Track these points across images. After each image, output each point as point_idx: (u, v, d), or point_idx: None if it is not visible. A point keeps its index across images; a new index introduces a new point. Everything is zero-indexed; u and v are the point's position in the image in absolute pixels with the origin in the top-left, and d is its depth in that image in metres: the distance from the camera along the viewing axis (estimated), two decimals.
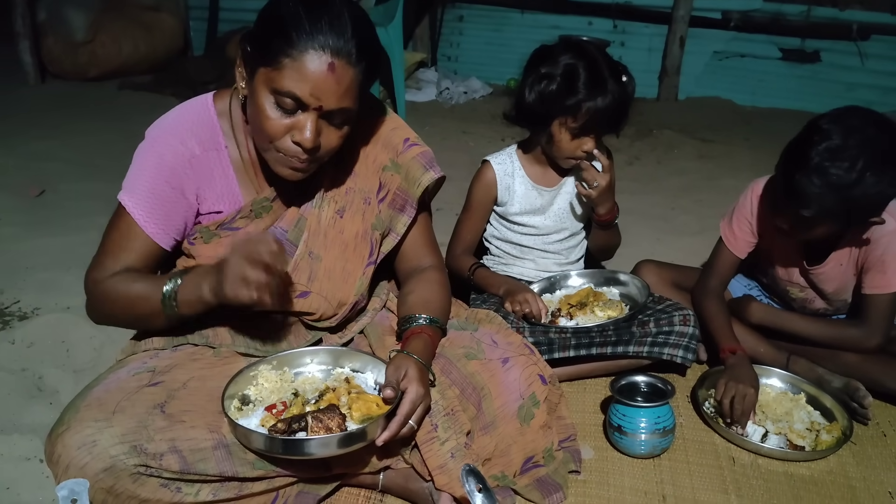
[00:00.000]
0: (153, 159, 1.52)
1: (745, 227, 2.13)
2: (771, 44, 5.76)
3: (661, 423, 1.78)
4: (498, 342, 1.68)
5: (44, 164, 4.02)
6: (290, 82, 1.33)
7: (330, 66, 1.33)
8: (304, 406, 1.48)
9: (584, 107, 1.97)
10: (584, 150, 2.07)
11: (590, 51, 2.03)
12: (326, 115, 1.39)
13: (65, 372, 2.17)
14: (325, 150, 1.44)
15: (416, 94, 5.87)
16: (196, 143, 1.54)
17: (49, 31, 5.73)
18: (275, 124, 1.39)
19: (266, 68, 1.36)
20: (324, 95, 1.35)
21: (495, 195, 2.23)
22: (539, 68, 2.04)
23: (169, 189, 1.52)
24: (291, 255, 1.61)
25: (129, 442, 1.34)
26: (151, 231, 1.52)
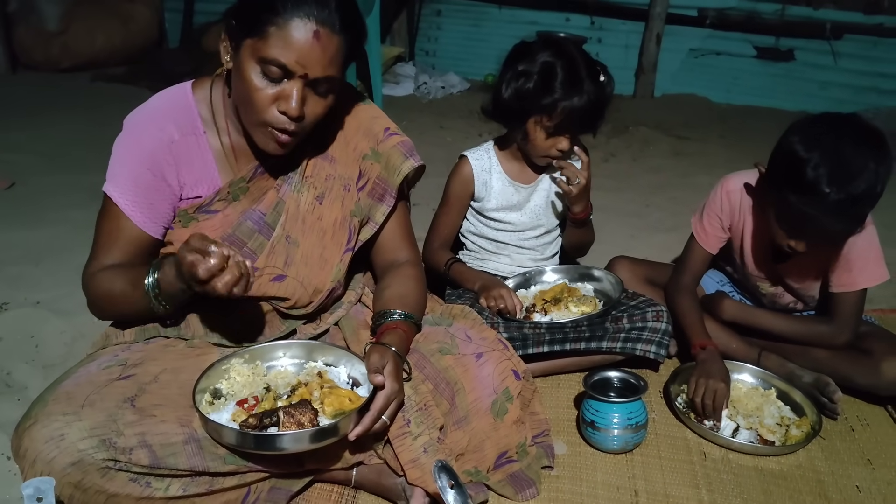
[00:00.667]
0: (133, 147, 1.52)
1: (715, 224, 2.15)
2: (746, 42, 5.82)
3: (633, 419, 1.79)
4: (472, 337, 1.69)
5: (14, 155, 3.96)
6: (275, 50, 1.35)
7: (315, 33, 1.35)
8: (276, 401, 1.47)
9: (559, 106, 1.98)
10: (558, 150, 2.08)
11: (568, 50, 2.03)
12: (312, 83, 1.40)
13: (34, 367, 2.14)
14: (309, 119, 1.45)
15: (394, 89, 5.85)
16: (174, 129, 1.53)
17: (21, 21, 5.65)
18: (261, 94, 1.39)
19: (252, 39, 1.37)
20: (309, 63, 1.36)
21: (472, 190, 2.23)
22: (517, 65, 2.05)
23: (151, 176, 1.52)
24: (268, 238, 1.61)
25: (97, 436, 1.32)
26: (138, 220, 1.52)
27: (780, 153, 1.84)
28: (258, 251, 1.60)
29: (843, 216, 1.76)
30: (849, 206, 1.73)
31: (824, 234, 1.83)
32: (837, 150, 1.72)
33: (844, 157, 1.71)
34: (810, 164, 1.73)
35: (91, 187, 3.44)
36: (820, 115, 1.85)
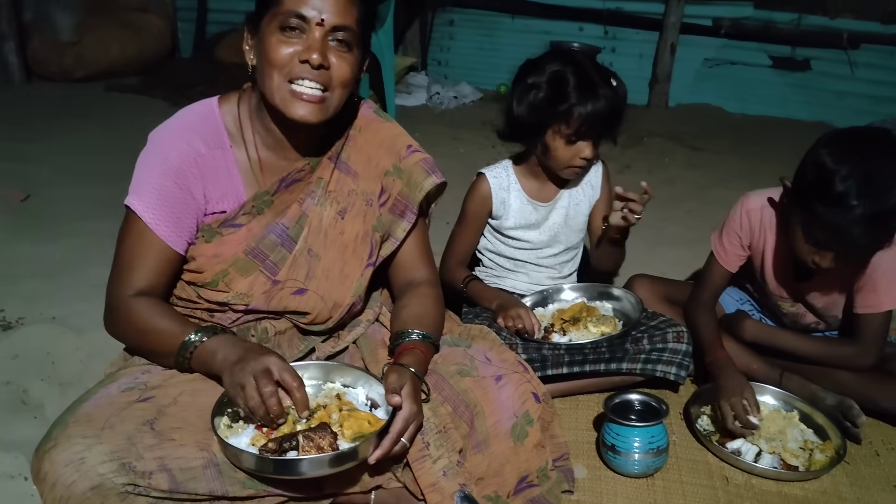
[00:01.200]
0: (159, 161, 1.52)
1: (735, 242, 2.13)
2: (761, 51, 5.80)
3: (654, 443, 1.77)
4: (491, 359, 1.67)
5: (29, 167, 3.97)
6: (290, 4, 1.41)
7: None
8: (296, 424, 1.45)
9: (575, 111, 1.96)
10: (582, 158, 2.05)
11: (576, 57, 2.02)
12: (331, 32, 1.43)
13: (50, 385, 2.13)
14: (336, 75, 1.46)
15: (407, 99, 5.85)
16: (201, 143, 1.54)
17: (35, 32, 5.68)
18: (282, 52, 1.42)
19: (270, 11, 1.42)
20: (324, 7, 1.41)
21: (490, 208, 2.21)
22: (526, 80, 2.03)
23: (177, 190, 1.51)
24: (290, 250, 1.60)
25: (117, 460, 1.31)
26: (164, 234, 1.50)
27: (808, 166, 1.82)
28: (280, 264, 1.60)
29: (871, 230, 1.73)
30: (877, 219, 1.71)
31: (851, 248, 1.80)
32: (867, 164, 1.70)
33: (874, 171, 1.69)
34: (839, 177, 1.71)
35: (105, 199, 3.49)
36: (849, 129, 1.83)
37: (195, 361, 1.47)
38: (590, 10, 6.07)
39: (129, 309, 1.50)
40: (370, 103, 1.75)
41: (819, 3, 5.55)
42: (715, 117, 5.76)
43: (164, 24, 6.31)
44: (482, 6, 6.35)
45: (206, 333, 1.46)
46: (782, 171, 1.94)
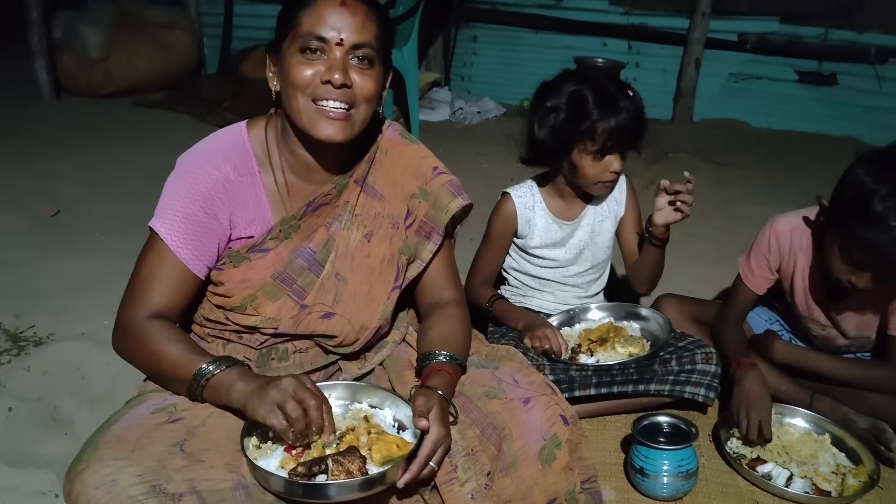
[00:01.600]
0: (187, 185, 1.53)
1: (763, 265, 2.10)
2: (787, 66, 5.75)
3: (684, 466, 1.75)
4: (519, 381, 1.66)
5: (58, 183, 4.04)
6: (308, 26, 1.42)
7: (342, 2, 1.43)
8: (325, 448, 1.45)
9: (599, 127, 1.96)
10: (611, 172, 2.05)
11: (591, 74, 2.04)
12: (351, 51, 1.44)
13: (80, 401, 2.16)
14: (360, 92, 1.47)
15: (430, 114, 5.87)
16: (231, 169, 1.55)
17: (65, 49, 5.78)
18: (304, 72, 1.44)
19: (289, 35, 1.44)
20: (342, 27, 1.42)
21: (515, 228, 2.21)
22: (544, 104, 2.04)
23: (203, 214, 1.52)
24: (318, 275, 1.61)
25: (147, 482, 1.31)
26: (184, 256, 1.51)
27: (846, 184, 1.80)
28: (308, 288, 1.60)
29: None
30: None
31: (889, 268, 1.78)
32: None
33: None
34: (878, 196, 1.69)
35: (132, 215, 3.53)
36: (889, 147, 1.81)
37: (208, 391, 1.44)
38: (613, 26, 6.06)
39: (142, 332, 1.50)
40: (396, 125, 1.75)
41: (846, 18, 5.50)
42: (740, 132, 5.72)
43: (190, 41, 6.39)
44: (505, 22, 6.36)
45: (222, 364, 1.44)
46: (809, 186, 1.94)
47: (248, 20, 6.54)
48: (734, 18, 5.81)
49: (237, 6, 6.52)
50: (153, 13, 6.21)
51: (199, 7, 6.63)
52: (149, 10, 6.20)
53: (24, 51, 5.69)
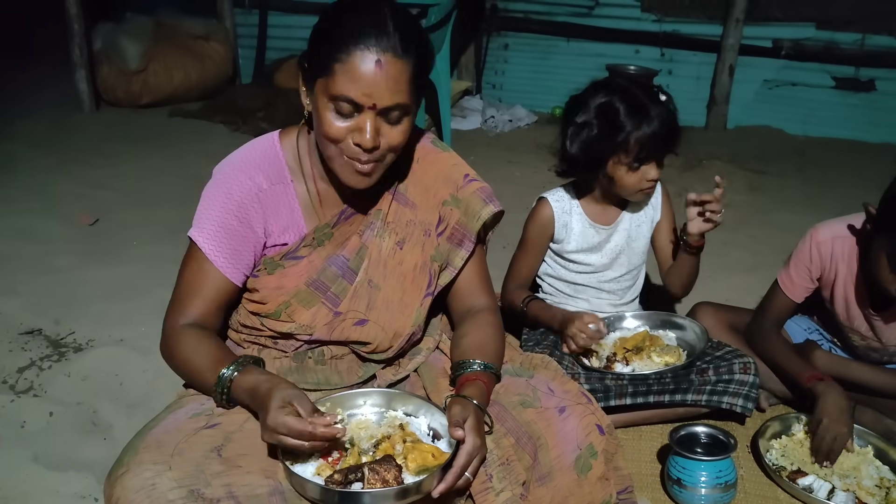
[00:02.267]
0: (221, 195, 1.56)
1: (803, 275, 2.07)
2: (824, 72, 5.68)
3: (722, 478, 1.73)
4: (554, 390, 1.65)
5: (97, 192, 4.11)
6: (342, 86, 1.39)
7: (377, 63, 1.38)
8: (361, 456, 1.46)
9: (632, 138, 1.95)
10: (648, 180, 2.03)
11: (619, 83, 2.01)
12: (383, 112, 1.42)
13: (118, 406, 2.19)
14: (387, 148, 1.47)
15: (461, 123, 5.87)
16: (263, 178, 1.58)
17: (104, 61, 5.88)
18: (336, 129, 1.43)
19: (322, 78, 1.42)
20: (376, 93, 1.39)
21: (552, 233, 2.20)
22: (573, 119, 2.03)
23: (237, 223, 1.55)
24: (351, 282, 1.62)
25: (186, 486, 1.33)
26: (221, 265, 1.54)
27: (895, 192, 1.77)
28: (341, 295, 1.62)
29: None
30: None
31: None
32: None
33: None
34: None
35: (169, 223, 3.58)
36: None
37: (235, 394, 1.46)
38: (646, 33, 6.02)
39: (176, 340, 1.54)
40: (428, 134, 1.76)
41: (884, 23, 5.41)
42: (775, 139, 5.65)
43: (226, 52, 6.48)
44: (537, 30, 6.35)
45: (239, 367, 1.46)
46: (848, 194, 1.91)
47: (281, 31, 6.62)
48: (768, 25, 5.74)
49: (271, 17, 6.60)
50: (189, 25, 6.30)
51: (234, 18, 6.72)
52: (185, 21, 6.29)
53: (66, 62, 5.81)
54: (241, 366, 1.46)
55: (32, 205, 3.82)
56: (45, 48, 6.78)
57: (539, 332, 2.23)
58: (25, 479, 1.84)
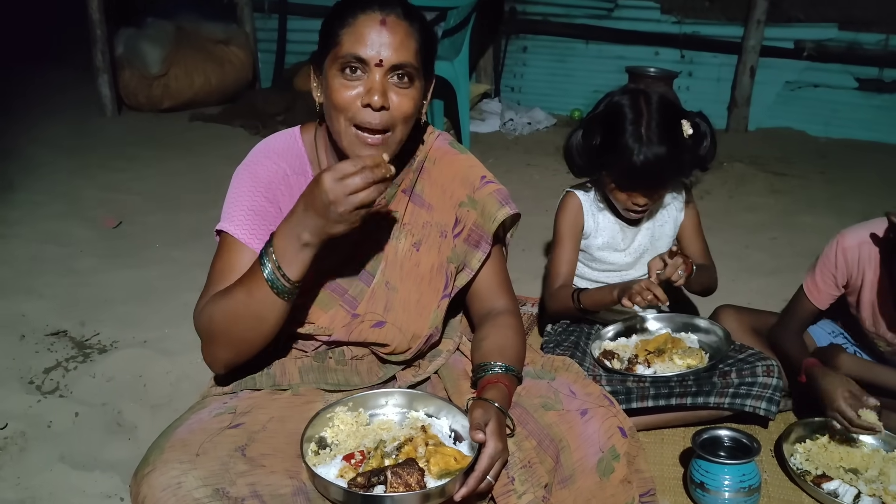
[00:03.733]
0: (248, 180, 1.56)
1: (829, 281, 2.05)
2: (846, 73, 5.62)
3: (746, 482, 1.71)
4: (576, 392, 1.64)
5: (120, 195, 4.16)
6: (349, 46, 1.41)
7: (382, 21, 1.42)
8: (384, 459, 1.46)
9: (618, 164, 1.95)
10: (636, 204, 2.03)
11: (641, 104, 1.95)
12: (391, 71, 1.44)
13: (142, 407, 2.21)
14: (398, 114, 1.46)
15: (480, 125, 5.88)
16: (287, 166, 1.58)
17: (126, 65, 5.95)
18: (345, 94, 1.43)
19: (330, 52, 1.44)
20: (382, 48, 1.41)
21: (583, 223, 2.19)
22: (587, 118, 2.03)
23: (267, 203, 1.55)
24: (368, 284, 1.62)
25: (211, 485, 1.34)
26: (256, 247, 1.50)
27: None
28: (359, 298, 1.62)
29: None
30: None
31: None
32: None
33: None
34: None
35: (191, 225, 3.62)
36: None
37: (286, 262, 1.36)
38: (666, 35, 6.00)
39: (206, 311, 1.46)
40: (445, 135, 1.76)
41: None
42: (797, 141, 5.60)
43: (246, 56, 6.52)
44: (556, 32, 6.35)
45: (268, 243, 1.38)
46: (872, 196, 1.89)
47: (301, 35, 6.66)
48: (790, 26, 5.70)
49: (291, 21, 6.65)
50: (210, 29, 6.36)
51: (254, 23, 6.78)
52: (206, 26, 6.35)
53: (88, 67, 5.88)
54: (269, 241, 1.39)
55: (56, 208, 3.87)
56: (67, 53, 6.87)
57: (559, 333, 2.23)
58: (52, 478, 1.86)
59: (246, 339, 1.47)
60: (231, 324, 1.44)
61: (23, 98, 6.06)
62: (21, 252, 3.31)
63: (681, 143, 1.96)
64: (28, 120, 5.49)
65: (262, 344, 1.50)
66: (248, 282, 1.41)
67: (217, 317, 1.45)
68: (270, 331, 1.47)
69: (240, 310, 1.42)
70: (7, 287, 2.97)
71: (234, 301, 1.43)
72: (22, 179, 4.28)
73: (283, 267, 1.37)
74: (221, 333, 1.47)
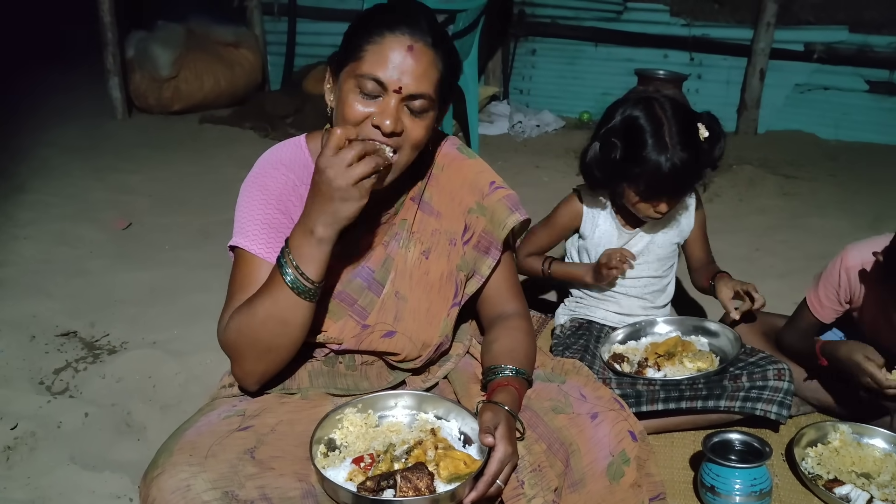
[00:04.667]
0: (258, 193, 1.55)
1: (832, 297, 2.04)
2: (857, 76, 5.60)
3: (757, 485, 1.70)
4: (587, 396, 1.64)
5: (130, 197, 4.17)
6: (371, 65, 1.39)
7: (409, 47, 1.39)
8: (393, 462, 1.46)
9: (644, 175, 1.94)
10: (657, 212, 2.02)
11: (657, 112, 1.96)
12: (406, 99, 1.41)
13: (152, 408, 2.22)
14: (408, 141, 1.45)
15: (488, 128, 5.87)
16: (295, 177, 1.57)
17: (136, 68, 5.98)
18: (356, 111, 1.41)
19: (351, 63, 1.42)
20: (403, 75, 1.39)
21: (578, 225, 2.21)
22: (601, 130, 2.02)
23: (280, 214, 1.53)
24: (378, 294, 1.61)
25: (220, 488, 1.33)
26: (273, 259, 1.48)
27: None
28: (369, 308, 1.61)
29: None
30: None
31: None
32: None
33: None
34: None
35: (200, 228, 3.63)
36: None
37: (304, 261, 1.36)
38: (675, 38, 5.99)
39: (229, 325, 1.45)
40: (454, 140, 1.74)
41: None
42: (807, 144, 5.58)
43: (255, 58, 6.54)
44: (565, 35, 6.34)
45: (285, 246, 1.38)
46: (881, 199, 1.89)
47: (310, 38, 6.67)
48: (800, 28, 5.69)
49: (300, 24, 6.66)
50: (220, 32, 6.38)
51: (263, 26, 6.80)
52: (216, 29, 6.37)
53: (99, 70, 5.91)
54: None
55: (67, 210, 3.89)
56: (78, 56, 6.90)
57: (568, 336, 2.22)
58: (62, 478, 1.87)
59: (274, 346, 1.46)
60: (259, 333, 1.43)
61: (34, 100, 6.09)
62: (32, 253, 3.32)
63: (700, 145, 1.95)
64: (39, 122, 5.52)
65: (293, 350, 1.49)
66: (271, 288, 1.40)
67: (244, 329, 1.44)
68: (299, 335, 1.46)
69: (265, 317, 1.41)
70: (18, 288, 2.98)
71: (259, 309, 1.42)
72: (33, 181, 4.30)
73: (301, 266, 1.37)
74: (250, 346, 1.46)
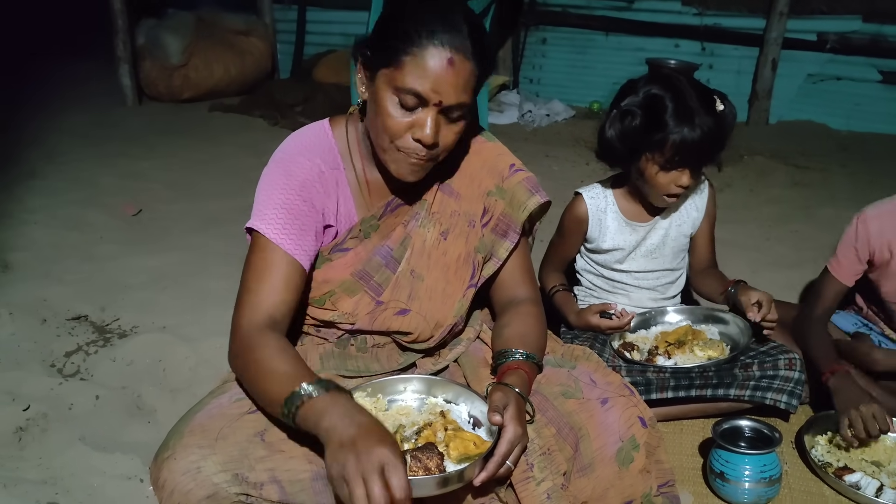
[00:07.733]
0: (281, 177, 1.54)
1: (850, 255, 2.04)
2: (870, 66, 5.56)
3: (766, 472, 1.70)
4: (597, 381, 1.64)
5: (141, 183, 4.19)
6: (411, 79, 1.37)
7: (450, 60, 1.37)
8: (403, 443, 1.46)
9: (670, 140, 1.90)
10: (678, 185, 1.99)
11: (675, 82, 1.95)
12: (445, 110, 1.41)
13: (162, 391, 2.23)
14: (442, 146, 1.46)
15: (498, 117, 5.86)
16: (321, 161, 1.57)
17: (147, 56, 5.99)
18: (396, 122, 1.41)
19: (387, 69, 1.40)
20: (444, 90, 1.38)
21: (586, 230, 2.18)
22: (620, 104, 1.99)
23: (301, 202, 1.52)
24: (394, 271, 1.62)
25: (231, 470, 1.34)
26: (289, 247, 1.48)
27: None
28: (384, 284, 1.62)
29: None
30: None
31: None
32: None
33: None
34: None
35: (209, 214, 3.64)
36: None
37: (300, 417, 1.28)
38: (686, 27, 5.95)
39: (253, 344, 1.42)
40: (473, 123, 1.75)
41: None
42: (819, 134, 5.55)
43: (265, 47, 6.55)
44: (575, 24, 6.32)
45: (319, 388, 1.28)
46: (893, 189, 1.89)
47: (320, 26, 6.68)
48: (813, 18, 5.65)
49: (310, 13, 6.65)
50: (230, 20, 6.39)
51: (273, 14, 6.80)
52: (226, 17, 6.38)
53: (109, 57, 5.92)
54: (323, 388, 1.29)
55: (78, 196, 3.90)
56: (89, 43, 6.92)
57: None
58: (73, 459, 1.88)
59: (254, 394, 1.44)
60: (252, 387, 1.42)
61: (45, 88, 6.12)
62: (43, 238, 3.34)
63: (719, 115, 1.94)
64: (50, 109, 5.54)
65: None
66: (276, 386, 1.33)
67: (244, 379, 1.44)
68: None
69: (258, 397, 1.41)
70: (29, 272, 3.00)
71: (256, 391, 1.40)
72: (44, 167, 4.32)
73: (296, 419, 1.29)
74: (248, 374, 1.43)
